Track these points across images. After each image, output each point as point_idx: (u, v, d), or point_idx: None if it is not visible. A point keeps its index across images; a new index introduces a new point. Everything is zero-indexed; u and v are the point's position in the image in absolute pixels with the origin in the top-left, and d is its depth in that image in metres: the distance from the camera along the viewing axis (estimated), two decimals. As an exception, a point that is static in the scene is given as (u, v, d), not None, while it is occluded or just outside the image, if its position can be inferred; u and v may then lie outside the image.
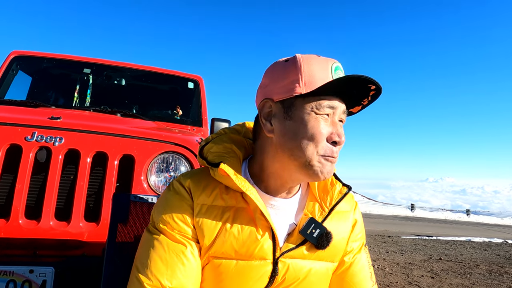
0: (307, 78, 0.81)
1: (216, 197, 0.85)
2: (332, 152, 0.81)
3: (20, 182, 1.53)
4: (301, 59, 0.83)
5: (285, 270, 0.85)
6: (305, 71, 0.82)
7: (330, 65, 0.83)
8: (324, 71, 0.82)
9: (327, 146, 0.81)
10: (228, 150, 0.90)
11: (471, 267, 5.32)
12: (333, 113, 0.82)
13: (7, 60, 2.94)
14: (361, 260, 0.98)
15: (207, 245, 0.82)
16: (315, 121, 0.80)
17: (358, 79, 0.79)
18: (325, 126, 0.81)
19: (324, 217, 0.89)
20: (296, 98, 0.82)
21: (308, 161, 0.80)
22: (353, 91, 0.82)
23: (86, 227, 1.56)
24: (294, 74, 0.82)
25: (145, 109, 3.19)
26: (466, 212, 20.95)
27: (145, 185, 1.68)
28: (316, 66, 0.82)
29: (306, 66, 0.82)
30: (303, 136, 0.80)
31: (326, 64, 0.83)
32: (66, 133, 1.63)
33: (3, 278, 1.29)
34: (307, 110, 0.81)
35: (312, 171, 0.81)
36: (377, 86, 0.81)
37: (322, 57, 0.85)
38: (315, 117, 0.81)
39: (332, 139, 0.81)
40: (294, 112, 0.82)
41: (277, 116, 0.85)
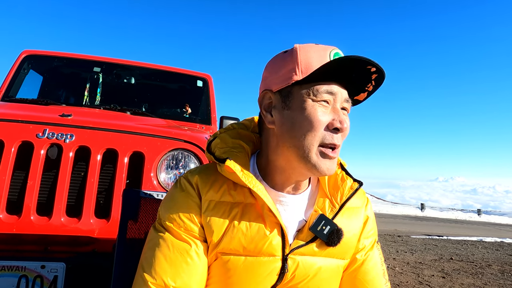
0: (304, 65, 0.79)
1: (224, 193, 0.84)
2: (332, 139, 0.79)
3: (31, 179, 1.54)
4: (298, 48, 0.82)
5: (295, 267, 0.83)
6: (302, 59, 0.80)
7: (328, 51, 0.81)
8: (321, 57, 0.80)
9: (327, 133, 0.79)
10: (236, 145, 0.89)
11: (483, 267, 5.25)
12: (333, 100, 0.80)
13: (18, 59, 2.97)
14: (374, 257, 0.96)
15: (215, 242, 0.81)
16: (312, 108, 0.78)
17: (356, 61, 0.77)
18: (323, 113, 0.79)
19: (335, 213, 0.87)
20: (293, 86, 0.81)
21: (307, 152, 0.78)
22: (353, 74, 0.80)
23: (97, 223, 1.57)
24: (291, 63, 0.81)
25: (154, 107, 3.20)
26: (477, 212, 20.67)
27: (154, 182, 1.68)
28: (313, 53, 0.81)
29: (303, 54, 0.81)
30: (301, 125, 0.79)
31: (324, 51, 0.81)
32: (77, 130, 1.64)
33: (16, 273, 1.30)
34: (304, 97, 0.79)
35: (312, 164, 0.79)
36: (377, 68, 0.79)
37: (321, 45, 0.83)
38: (312, 104, 0.79)
39: (334, 126, 0.78)
40: (291, 101, 0.81)
41: (276, 106, 0.84)
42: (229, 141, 0.89)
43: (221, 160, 0.84)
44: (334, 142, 0.79)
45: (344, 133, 0.82)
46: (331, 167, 0.80)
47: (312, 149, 0.78)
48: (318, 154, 0.79)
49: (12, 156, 1.55)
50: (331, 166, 0.81)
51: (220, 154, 0.86)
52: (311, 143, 0.78)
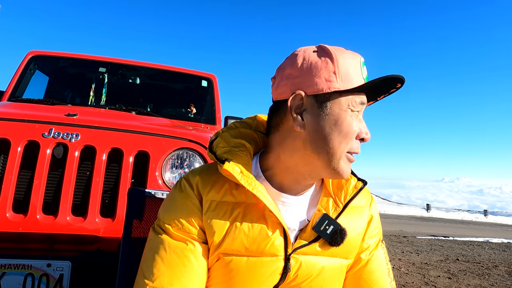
0: (344, 74, 0.79)
1: (226, 193, 0.83)
2: (358, 147, 0.82)
3: (37, 178, 1.55)
4: (334, 52, 0.81)
5: (298, 266, 0.83)
6: (341, 66, 0.80)
7: (358, 60, 0.82)
8: (356, 66, 0.81)
9: (356, 143, 0.81)
10: (238, 144, 0.87)
11: (490, 268, 5.21)
12: (361, 110, 0.83)
13: (24, 60, 2.99)
14: (378, 257, 0.95)
15: (217, 242, 0.80)
16: (350, 118, 0.79)
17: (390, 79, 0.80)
18: (357, 123, 0.81)
19: (338, 213, 0.87)
20: (332, 93, 0.80)
21: (338, 158, 0.80)
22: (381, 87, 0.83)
23: (102, 222, 1.58)
24: (329, 67, 0.79)
25: (159, 107, 3.21)
26: (483, 213, 20.52)
27: (159, 181, 1.69)
28: (349, 60, 0.81)
29: (341, 60, 0.80)
30: (338, 134, 0.79)
31: (356, 60, 0.82)
32: (83, 130, 1.65)
33: (22, 271, 1.31)
34: (344, 106, 0.79)
35: (339, 168, 0.80)
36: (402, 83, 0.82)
37: (350, 51, 0.84)
38: (350, 114, 0.80)
39: (361, 136, 0.81)
40: (330, 108, 0.80)
41: (309, 110, 0.81)
42: (231, 140, 0.88)
43: (221, 160, 0.83)
44: (359, 151, 0.82)
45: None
46: (350, 171, 0.84)
47: (342, 156, 0.80)
48: (345, 160, 0.81)
49: (18, 155, 1.56)
50: (350, 169, 0.84)
51: (221, 154, 0.84)
52: (343, 151, 0.80)
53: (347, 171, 0.82)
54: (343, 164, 0.80)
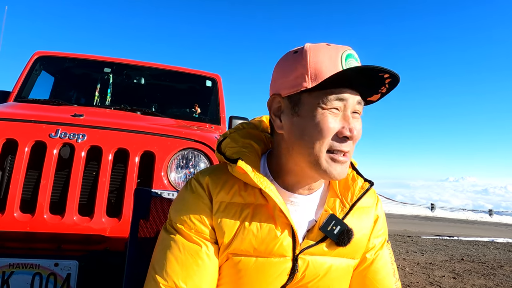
0: (314, 70, 0.77)
1: (235, 194, 0.84)
2: (341, 146, 0.78)
3: (44, 178, 1.56)
4: (308, 50, 0.79)
5: (305, 267, 0.84)
6: (312, 63, 0.78)
7: (340, 54, 0.78)
8: (332, 61, 0.77)
9: (336, 141, 0.78)
10: (247, 145, 0.88)
11: (495, 268, 5.18)
12: (344, 106, 0.78)
13: (30, 61, 3.01)
14: (384, 257, 0.96)
15: (226, 243, 0.81)
16: (322, 116, 0.77)
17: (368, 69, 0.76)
18: (333, 121, 0.77)
19: (345, 213, 0.87)
20: (302, 93, 0.79)
21: (316, 159, 0.78)
22: (364, 80, 0.78)
23: (108, 222, 1.59)
24: (300, 67, 0.79)
25: (164, 108, 3.22)
26: (488, 212, 20.39)
27: (165, 181, 1.70)
28: (324, 56, 0.78)
29: (313, 57, 0.78)
30: (311, 133, 0.78)
31: (335, 53, 0.78)
32: (89, 130, 1.67)
33: (30, 270, 1.32)
34: (314, 105, 0.78)
35: (322, 170, 0.78)
36: (391, 74, 0.77)
37: (333, 46, 0.80)
38: (322, 112, 0.77)
39: (343, 134, 0.77)
40: (301, 108, 0.80)
41: (285, 112, 0.83)
42: (240, 141, 0.89)
43: (232, 160, 0.84)
44: (342, 149, 0.78)
45: (355, 139, 0.81)
46: (342, 172, 0.80)
47: (321, 156, 0.78)
48: (328, 160, 0.78)
49: (25, 155, 1.58)
50: (342, 170, 0.80)
51: (231, 154, 0.85)
52: (319, 151, 0.78)
53: (334, 171, 0.78)
54: (326, 164, 0.78)
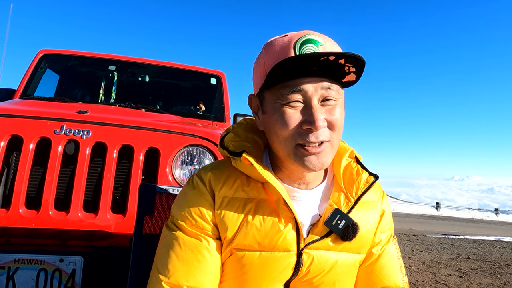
0: (267, 66, 0.77)
1: (238, 189, 0.83)
2: (308, 138, 0.75)
3: (49, 174, 1.57)
4: (264, 46, 0.80)
5: (310, 261, 0.83)
6: (266, 60, 0.78)
7: (293, 42, 0.75)
8: (282, 51, 0.75)
9: (302, 133, 0.76)
10: (250, 139, 0.88)
11: (502, 267, 5.13)
12: (305, 96, 0.76)
13: (35, 59, 3.02)
14: (390, 252, 0.95)
15: (230, 238, 0.81)
16: (280, 111, 0.76)
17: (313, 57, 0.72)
18: (293, 114, 0.76)
19: (350, 207, 0.86)
20: (264, 90, 0.80)
21: (288, 153, 0.78)
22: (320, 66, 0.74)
23: (113, 219, 1.59)
24: (260, 65, 0.80)
25: (168, 105, 3.22)
26: (494, 211, 20.26)
27: (170, 178, 1.69)
28: (275, 49, 0.77)
29: (266, 54, 0.78)
30: (275, 129, 0.78)
31: (287, 43, 0.76)
32: (94, 127, 1.66)
33: (35, 266, 1.32)
34: (272, 101, 0.78)
35: (296, 163, 0.78)
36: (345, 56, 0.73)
37: (290, 34, 0.78)
38: (279, 107, 0.77)
39: (305, 126, 0.75)
40: (265, 105, 0.82)
41: (258, 110, 0.85)
42: (243, 135, 0.89)
43: (235, 154, 0.83)
44: (310, 140, 0.76)
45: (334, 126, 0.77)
46: (317, 162, 0.77)
47: (290, 150, 0.77)
48: (298, 153, 0.77)
49: (30, 152, 1.58)
50: (319, 160, 0.77)
51: (234, 149, 0.85)
52: (286, 145, 0.78)
53: (308, 163, 0.77)
54: (297, 158, 0.77)
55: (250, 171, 0.82)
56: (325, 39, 0.77)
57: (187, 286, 0.78)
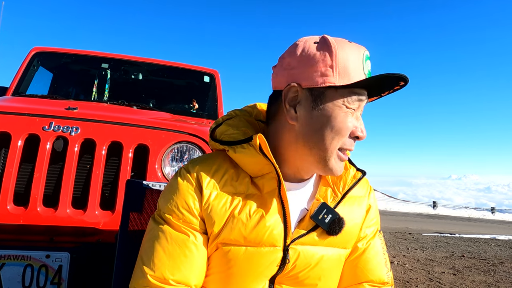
0: (342, 67, 0.76)
1: (226, 184, 0.83)
2: (351, 145, 0.81)
3: (38, 171, 1.56)
4: (334, 44, 0.78)
5: (296, 257, 0.83)
6: (339, 59, 0.77)
7: (361, 54, 0.79)
8: (357, 61, 0.78)
9: (349, 140, 0.80)
10: (244, 132, 0.86)
11: (495, 265, 5.16)
12: (359, 107, 0.80)
13: (28, 56, 3.01)
14: (375, 246, 0.95)
15: (216, 232, 0.80)
16: (345, 115, 0.78)
17: (392, 77, 0.78)
18: (352, 120, 0.79)
19: (337, 202, 0.87)
20: (327, 88, 0.78)
21: (327, 155, 0.79)
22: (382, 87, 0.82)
23: (102, 215, 1.59)
24: (327, 61, 0.77)
25: (162, 103, 3.22)
26: (491, 210, 20.37)
27: (159, 174, 1.69)
28: (349, 54, 0.78)
29: (340, 53, 0.77)
30: (329, 129, 0.78)
31: (358, 53, 0.79)
32: (82, 123, 1.66)
33: (21, 262, 1.32)
34: (339, 103, 0.78)
35: (329, 167, 0.80)
36: (406, 82, 0.80)
37: (354, 44, 0.81)
38: (345, 111, 0.78)
39: (355, 134, 0.80)
40: (323, 102, 0.78)
41: (303, 103, 0.80)
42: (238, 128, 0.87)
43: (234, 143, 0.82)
44: (352, 148, 0.82)
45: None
46: (342, 168, 0.84)
47: (333, 153, 0.80)
48: (336, 158, 0.80)
49: (19, 148, 1.57)
50: (343, 167, 0.84)
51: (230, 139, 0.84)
52: (334, 147, 0.79)
53: (338, 169, 0.82)
54: (334, 162, 0.80)
55: (249, 160, 0.81)
56: None
57: (173, 280, 0.78)
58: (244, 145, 0.81)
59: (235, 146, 0.82)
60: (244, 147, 0.81)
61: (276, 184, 0.81)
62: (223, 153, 0.87)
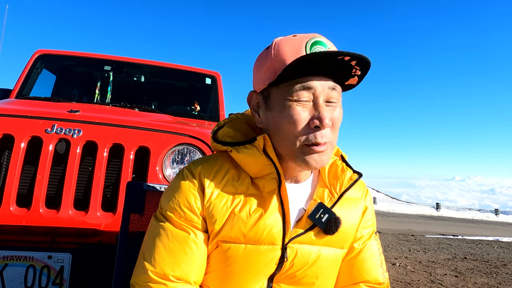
0: (278, 63, 0.78)
1: (227, 184, 0.85)
2: (315, 138, 0.78)
3: (40, 173, 1.58)
4: (274, 43, 0.81)
5: (294, 255, 0.85)
6: (277, 56, 0.79)
7: (304, 42, 0.78)
8: (295, 50, 0.77)
9: (310, 132, 0.78)
10: (246, 134, 0.90)
11: (498, 267, 5.14)
12: (313, 95, 0.78)
13: (31, 59, 3.04)
14: (371, 247, 0.97)
15: (217, 230, 0.83)
16: (290, 108, 0.78)
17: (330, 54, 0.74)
18: (302, 112, 0.78)
19: (334, 202, 0.89)
20: (270, 87, 0.81)
21: (292, 152, 0.80)
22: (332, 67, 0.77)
23: (103, 217, 1.61)
24: (267, 61, 0.81)
25: (163, 105, 3.24)
26: (494, 212, 20.27)
27: (160, 176, 1.71)
28: (287, 47, 0.78)
29: (276, 51, 0.79)
30: (282, 126, 0.79)
31: (299, 42, 0.78)
32: (84, 126, 1.68)
33: (23, 263, 1.34)
34: (281, 97, 0.79)
35: (300, 161, 0.80)
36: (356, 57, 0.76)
37: (300, 35, 0.80)
38: (289, 105, 0.78)
39: (314, 124, 0.77)
40: (271, 102, 0.82)
41: (261, 107, 0.85)
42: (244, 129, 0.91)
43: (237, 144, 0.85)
44: (317, 141, 0.78)
45: (334, 126, 0.81)
46: (320, 160, 0.80)
47: (296, 149, 0.79)
48: (304, 151, 0.79)
49: (22, 150, 1.59)
50: (321, 158, 0.80)
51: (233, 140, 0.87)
52: (293, 144, 0.79)
53: (312, 161, 0.79)
54: (303, 156, 0.79)
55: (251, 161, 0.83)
56: (330, 43, 0.81)
57: (173, 276, 0.80)
58: (248, 145, 0.83)
59: (238, 146, 0.84)
60: (248, 147, 0.83)
61: (276, 185, 0.84)
62: (225, 154, 0.90)
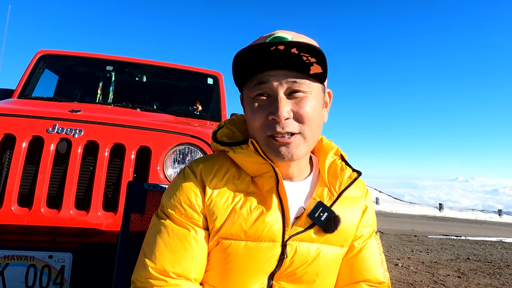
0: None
1: (228, 182, 0.86)
2: (274, 129, 0.80)
3: (42, 172, 1.58)
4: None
5: (293, 252, 0.85)
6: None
7: (263, 40, 0.82)
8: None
9: (269, 125, 0.81)
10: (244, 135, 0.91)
11: (501, 268, 5.12)
12: (271, 89, 0.81)
13: (34, 59, 3.05)
14: (372, 246, 0.97)
15: (218, 227, 0.83)
16: (249, 105, 0.84)
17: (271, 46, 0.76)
18: (258, 107, 0.82)
19: (333, 201, 0.89)
20: (242, 88, 0.88)
21: (261, 144, 0.84)
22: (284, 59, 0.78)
23: (105, 216, 1.61)
24: None
25: (165, 105, 3.24)
26: (498, 213, 20.18)
27: (161, 176, 1.71)
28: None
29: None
30: (249, 123, 0.85)
31: (258, 41, 0.83)
32: (85, 125, 1.68)
33: (24, 262, 1.34)
34: (246, 96, 0.86)
35: (270, 153, 0.83)
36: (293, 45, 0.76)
37: (262, 37, 0.84)
38: (249, 102, 0.84)
39: (271, 117, 0.80)
40: (244, 102, 0.89)
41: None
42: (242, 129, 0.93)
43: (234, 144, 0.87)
44: (277, 130, 0.80)
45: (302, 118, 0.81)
46: (287, 152, 0.82)
47: (263, 141, 0.83)
48: (269, 144, 0.82)
49: (23, 150, 1.60)
50: (287, 151, 0.82)
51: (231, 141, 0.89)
52: (258, 137, 0.84)
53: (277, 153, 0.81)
54: (268, 148, 0.83)
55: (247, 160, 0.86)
56: (294, 35, 0.82)
57: (173, 272, 0.81)
58: (244, 146, 0.85)
59: (234, 147, 0.86)
60: (243, 147, 0.85)
61: (274, 183, 0.85)
62: (225, 154, 0.92)
